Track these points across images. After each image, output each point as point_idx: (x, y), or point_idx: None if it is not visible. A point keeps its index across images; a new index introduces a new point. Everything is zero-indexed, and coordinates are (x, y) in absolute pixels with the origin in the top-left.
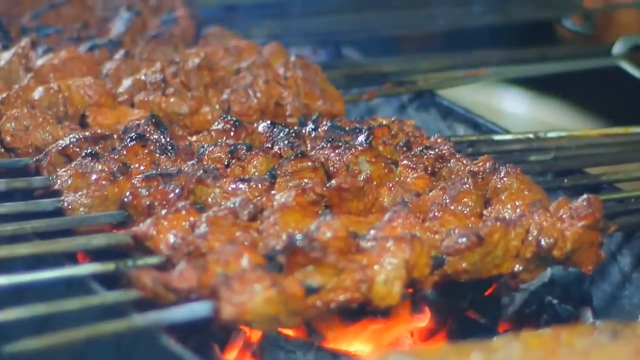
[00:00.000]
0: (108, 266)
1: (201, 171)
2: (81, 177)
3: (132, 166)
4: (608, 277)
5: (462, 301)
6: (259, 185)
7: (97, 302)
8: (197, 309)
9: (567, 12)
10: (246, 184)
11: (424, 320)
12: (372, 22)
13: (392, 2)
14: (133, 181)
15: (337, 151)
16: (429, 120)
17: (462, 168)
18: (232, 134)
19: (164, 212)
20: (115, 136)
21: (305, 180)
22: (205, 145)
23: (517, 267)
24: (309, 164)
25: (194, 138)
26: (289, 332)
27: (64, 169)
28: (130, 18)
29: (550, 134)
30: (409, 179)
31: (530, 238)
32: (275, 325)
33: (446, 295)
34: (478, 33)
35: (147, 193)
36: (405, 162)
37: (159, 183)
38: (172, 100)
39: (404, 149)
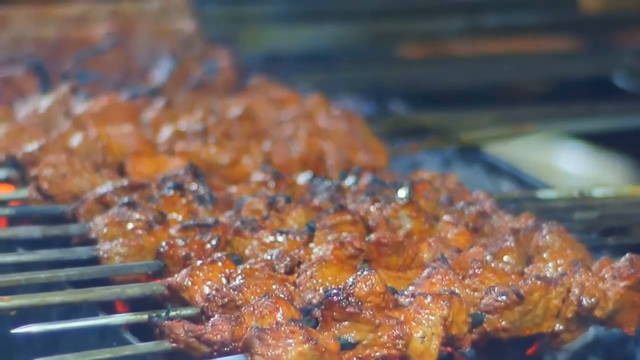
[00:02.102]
0: (142, 316)
1: (239, 222)
2: (118, 226)
3: (169, 216)
4: None
5: None
6: (297, 238)
7: (129, 352)
8: None
9: (617, 68)
10: (284, 236)
11: None
12: (418, 75)
13: (438, 56)
14: (170, 231)
15: (377, 205)
16: (473, 176)
17: (504, 225)
18: (271, 185)
19: (200, 262)
20: (153, 185)
21: (344, 234)
22: (244, 196)
23: (558, 327)
24: (349, 217)
25: (233, 189)
26: None
27: (100, 217)
28: (172, 66)
29: (596, 192)
30: (449, 235)
31: (571, 297)
32: None
33: (485, 354)
34: (526, 87)
35: (183, 243)
36: (446, 217)
37: (196, 233)
38: (212, 150)
39: (446, 204)
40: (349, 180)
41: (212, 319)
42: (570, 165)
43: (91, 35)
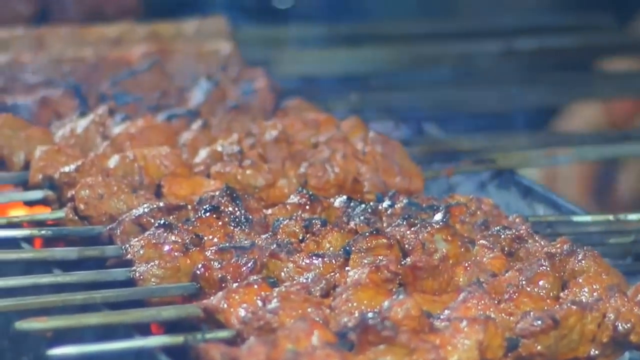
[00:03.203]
0: (177, 339)
1: (275, 245)
2: (154, 248)
3: (205, 238)
4: None
5: None
6: (333, 261)
7: None
8: None
9: None
10: (320, 259)
11: None
12: (454, 99)
13: (473, 79)
14: (206, 253)
15: (413, 229)
16: (509, 199)
17: (539, 249)
18: (307, 208)
19: (236, 285)
20: (189, 207)
21: (380, 258)
22: (280, 219)
23: (594, 351)
24: (384, 241)
25: (269, 211)
26: None
27: (137, 239)
28: (209, 88)
29: (631, 216)
30: (485, 259)
31: (607, 322)
32: None
33: None
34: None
35: (219, 266)
36: (482, 241)
37: (232, 256)
38: (248, 172)
39: (482, 228)
40: (385, 204)
41: (247, 342)
42: None
43: (129, 56)
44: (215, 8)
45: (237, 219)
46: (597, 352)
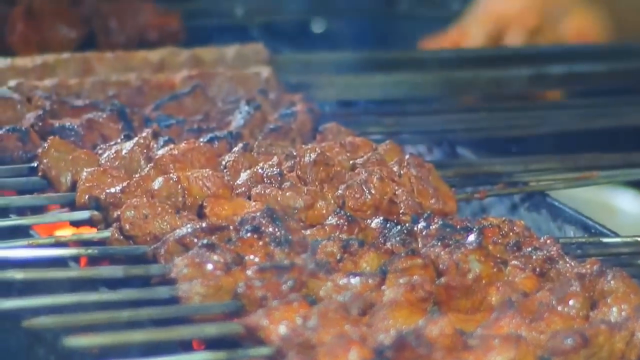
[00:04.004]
0: (219, 355)
1: (314, 265)
2: (197, 267)
3: (246, 258)
4: None
5: None
6: (370, 280)
7: None
8: None
9: None
10: (357, 278)
11: None
12: (487, 122)
13: (506, 103)
14: (247, 272)
15: (447, 249)
16: (540, 221)
17: (569, 270)
18: (345, 229)
19: (276, 303)
20: (231, 227)
21: (416, 277)
22: (319, 239)
23: None
24: (420, 261)
25: (308, 232)
26: None
27: (180, 258)
28: (250, 111)
29: None
30: (517, 279)
31: (635, 341)
32: None
33: None
34: (592, 135)
35: (260, 284)
36: (514, 262)
37: (272, 275)
38: (288, 194)
39: (514, 249)
40: (420, 225)
41: (287, 358)
42: (634, 210)
43: (171, 80)
44: (254, 34)
45: (277, 239)
46: None
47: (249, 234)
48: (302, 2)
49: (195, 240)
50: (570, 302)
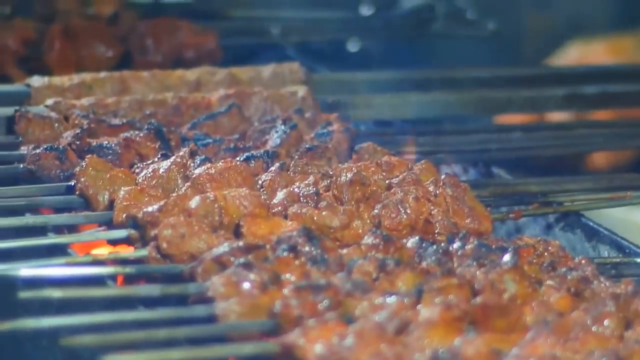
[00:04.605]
0: None
1: (350, 284)
2: (234, 286)
3: (283, 277)
4: None
5: None
6: (406, 299)
7: None
8: None
9: None
10: (393, 298)
11: None
12: (522, 142)
13: (541, 123)
14: (284, 291)
15: (483, 269)
16: (574, 241)
17: (604, 290)
18: (381, 248)
19: (312, 322)
20: (268, 247)
21: (451, 297)
22: (355, 259)
23: None
24: (455, 281)
25: (345, 251)
26: None
27: (217, 277)
28: (286, 130)
29: None
30: (552, 299)
31: None
32: None
33: None
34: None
35: (297, 304)
36: (549, 282)
37: (308, 294)
38: (324, 213)
39: (549, 269)
40: (456, 245)
41: None
42: None
43: (208, 99)
44: (290, 53)
45: (313, 259)
46: None
47: (285, 253)
48: (337, 22)
49: (232, 259)
50: (605, 322)
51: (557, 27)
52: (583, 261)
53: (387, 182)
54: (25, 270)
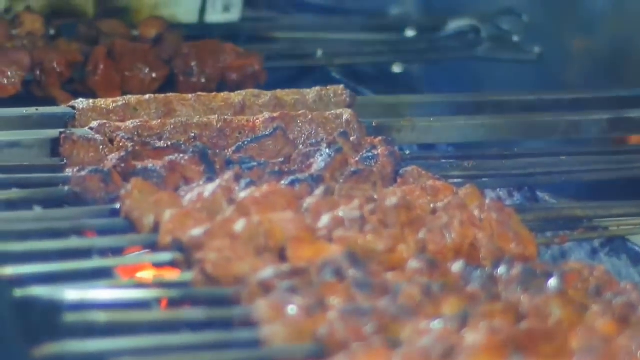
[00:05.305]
0: None
1: (395, 308)
2: (279, 310)
3: (328, 301)
4: None
5: None
6: (451, 324)
7: None
8: None
9: None
10: (438, 322)
11: None
12: (567, 166)
13: (586, 147)
14: (329, 316)
15: (528, 294)
16: (620, 266)
17: None
18: (426, 272)
19: (357, 347)
20: (312, 270)
21: (496, 322)
22: (400, 283)
23: None
24: (501, 305)
25: (390, 275)
26: None
27: (262, 301)
28: (331, 154)
29: None
30: (597, 325)
31: None
32: None
33: None
34: None
35: (342, 328)
36: (594, 307)
37: (354, 318)
38: (369, 237)
39: (594, 294)
40: (501, 269)
41: None
42: None
43: (253, 122)
44: (334, 75)
45: (358, 283)
46: None
47: (330, 277)
48: (382, 44)
49: (277, 282)
50: None
51: (602, 50)
52: (629, 286)
53: (432, 206)
54: (70, 293)
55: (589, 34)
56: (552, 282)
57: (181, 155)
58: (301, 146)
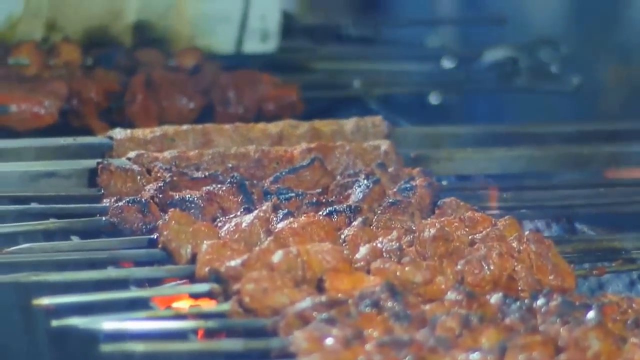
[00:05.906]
0: None
1: (433, 340)
2: (316, 341)
3: (366, 332)
4: None
5: None
6: (489, 356)
7: None
8: None
9: None
10: (477, 354)
11: None
12: (606, 198)
13: (623, 180)
14: (366, 347)
15: (566, 326)
16: None
17: None
18: (464, 304)
19: None
20: (350, 302)
21: (535, 354)
22: (438, 315)
23: None
24: (539, 338)
25: (428, 307)
26: None
27: (300, 332)
28: (369, 185)
29: None
30: (636, 357)
31: None
32: None
33: None
34: None
35: (380, 359)
36: (633, 339)
37: (391, 350)
38: (407, 268)
39: (633, 326)
40: (540, 301)
41: None
42: None
43: (290, 152)
44: (372, 106)
45: (396, 314)
46: None
47: (368, 309)
48: (419, 74)
49: (315, 314)
50: None
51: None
52: None
53: (470, 237)
54: (107, 323)
55: (626, 63)
56: (591, 315)
57: (219, 185)
58: (339, 177)
